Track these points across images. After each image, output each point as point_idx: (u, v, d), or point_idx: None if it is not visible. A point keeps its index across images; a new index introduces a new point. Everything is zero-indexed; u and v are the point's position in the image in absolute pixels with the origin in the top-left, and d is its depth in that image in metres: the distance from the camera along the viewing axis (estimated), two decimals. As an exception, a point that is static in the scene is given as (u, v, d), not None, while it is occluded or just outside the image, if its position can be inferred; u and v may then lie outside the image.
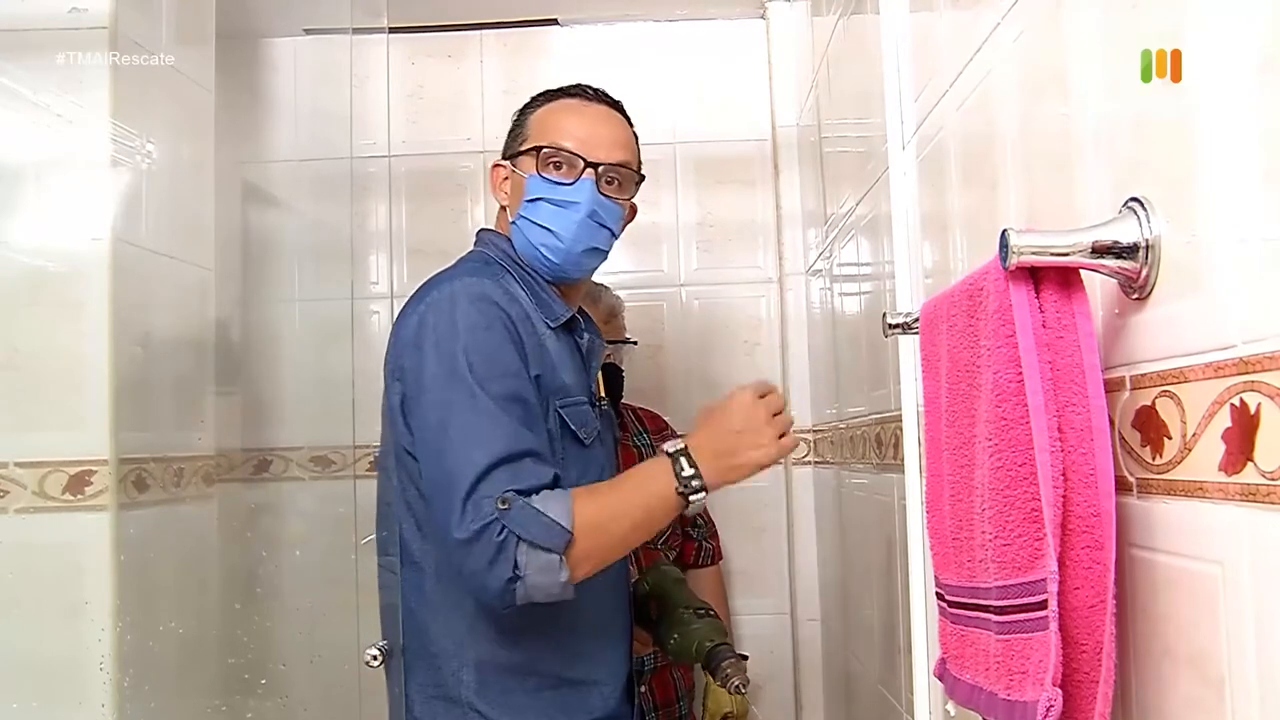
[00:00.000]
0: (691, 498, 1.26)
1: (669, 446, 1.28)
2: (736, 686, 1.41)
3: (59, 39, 1.66)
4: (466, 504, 1.21)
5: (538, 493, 1.22)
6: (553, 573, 1.20)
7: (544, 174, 1.40)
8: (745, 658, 1.48)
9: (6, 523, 1.62)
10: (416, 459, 1.32)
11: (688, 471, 1.26)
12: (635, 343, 2.30)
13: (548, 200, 1.40)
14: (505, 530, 1.19)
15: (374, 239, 2.64)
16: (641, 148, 1.50)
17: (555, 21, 2.73)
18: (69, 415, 1.64)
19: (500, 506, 1.20)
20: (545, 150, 1.40)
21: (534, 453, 1.25)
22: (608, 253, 1.46)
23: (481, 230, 1.52)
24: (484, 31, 2.73)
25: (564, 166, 1.40)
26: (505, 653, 1.34)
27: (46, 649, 1.61)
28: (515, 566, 1.19)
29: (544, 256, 1.41)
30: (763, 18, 2.70)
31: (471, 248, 1.49)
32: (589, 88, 1.47)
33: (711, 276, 2.71)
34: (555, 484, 1.25)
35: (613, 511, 1.26)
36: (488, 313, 1.31)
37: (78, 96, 1.66)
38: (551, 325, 1.39)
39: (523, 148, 1.44)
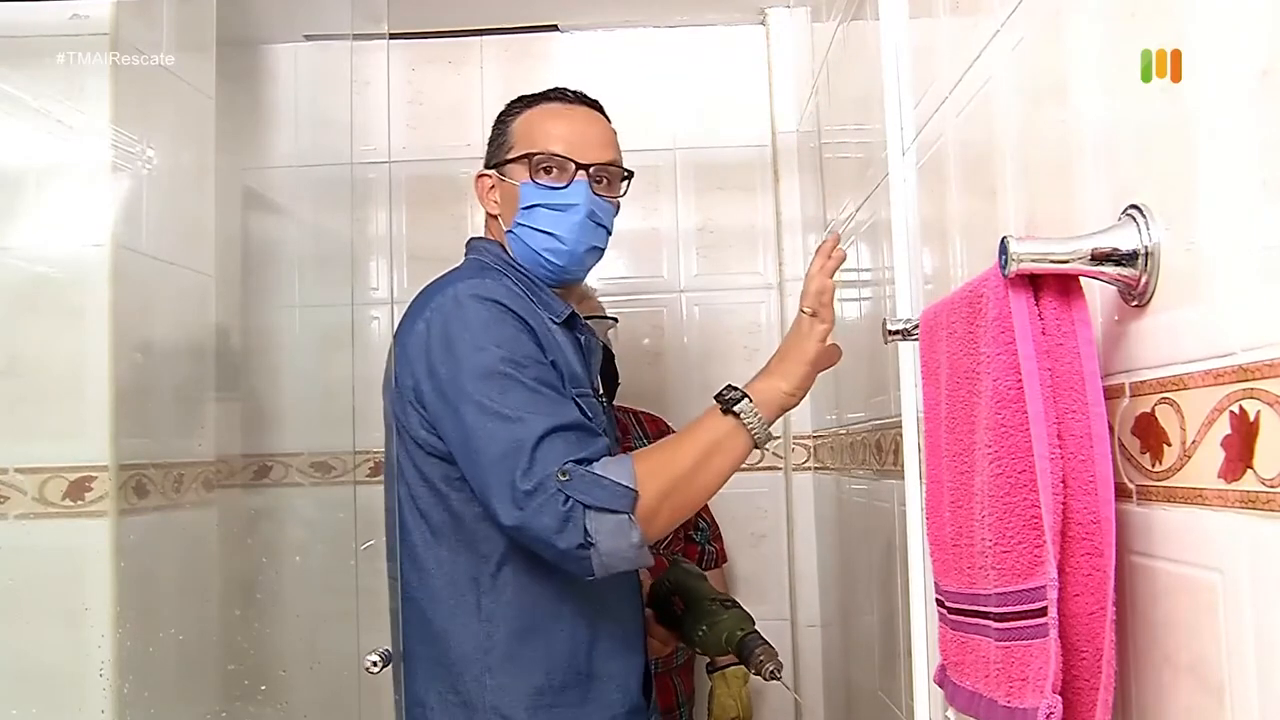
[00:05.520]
0: (749, 424, 1.29)
1: (717, 396, 1.32)
2: (771, 672, 1.42)
3: (60, 45, 1.66)
4: (525, 476, 1.22)
5: (596, 460, 1.25)
6: (624, 534, 1.22)
7: (537, 180, 1.42)
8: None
9: (6, 528, 1.62)
10: (451, 461, 1.32)
11: (736, 397, 1.30)
12: (615, 320, 2.29)
13: (545, 206, 1.42)
14: (570, 500, 1.21)
15: (374, 245, 2.64)
16: (642, 154, 1.51)
17: (556, 28, 2.74)
18: (69, 421, 1.64)
19: (561, 479, 1.21)
20: (537, 156, 1.42)
21: (583, 426, 1.28)
22: (604, 250, 1.49)
23: (472, 239, 1.53)
24: (484, 38, 2.74)
25: (555, 171, 1.43)
26: (527, 653, 1.34)
27: (46, 655, 1.61)
28: (586, 534, 1.21)
29: (548, 261, 1.43)
30: (762, 24, 2.70)
31: (464, 257, 1.50)
32: (568, 90, 1.49)
33: (711, 282, 2.71)
34: (608, 453, 1.28)
35: (673, 458, 1.28)
36: (495, 309, 1.33)
37: (78, 102, 1.66)
38: (556, 321, 1.41)
39: (509, 156, 1.45)
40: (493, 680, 1.34)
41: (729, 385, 1.33)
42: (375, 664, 1.44)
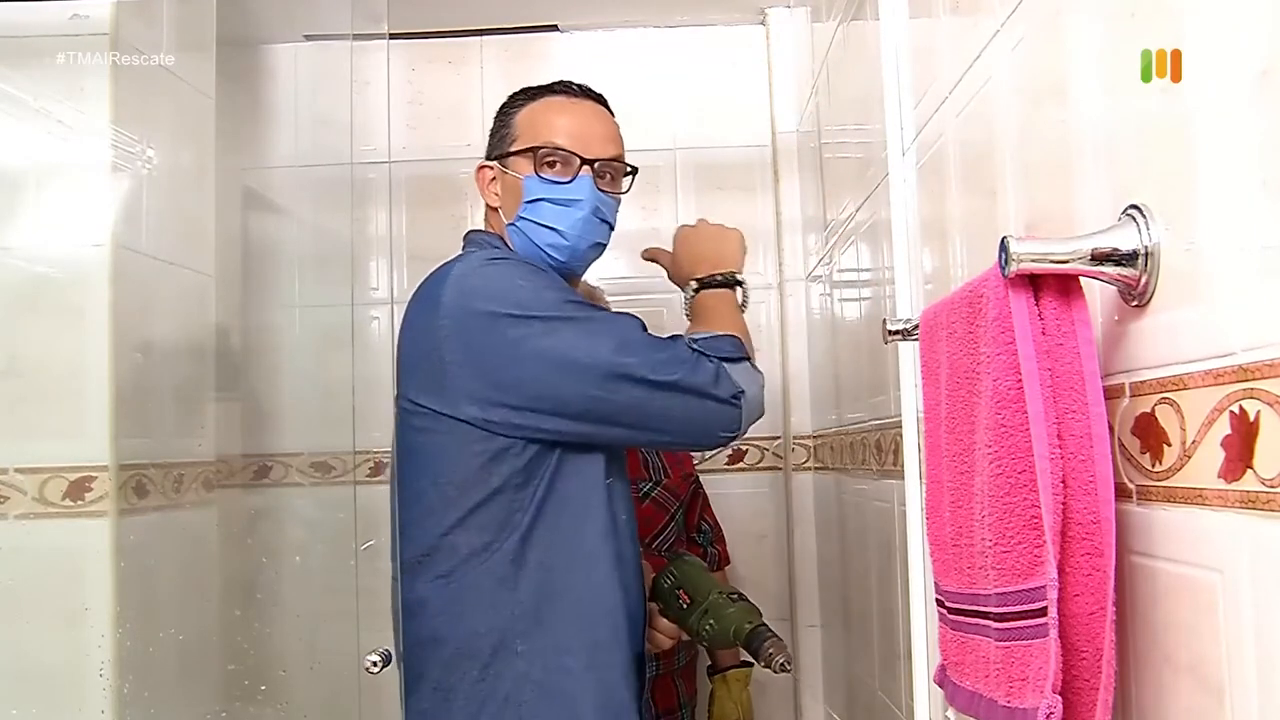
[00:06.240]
0: (739, 284, 1.52)
1: (689, 291, 1.56)
2: (781, 664, 1.44)
3: (60, 45, 1.66)
4: (658, 351, 1.32)
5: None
6: (756, 378, 1.39)
7: (541, 174, 1.43)
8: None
9: (6, 528, 1.62)
10: (501, 435, 1.32)
11: (718, 279, 1.51)
12: None
13: (549, 200, 1.42)
14: (710, 357, 1.34)
15: (374, 245, 2.64)
16: (641, 154, 1.51)
17: (555, 28, 2.74)
18: (69, 421, 1.64)
19: (694, 347, 1.34)
20: (542, 150, 1.42)
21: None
22: (606, 245, 1.50)
23: (471, 232, 1.52)
24: (484, 38, 2.74)
25: (559, 165, 1.43)
26: (549, 636, 1.34)
27: (46, 655, 1.61)
28: (734, 383, 1.34)
29: (550, 256, 1.44)
30: (762, 24, 2.70)
31: (463, 249, 1.49)
32: (572, 83, 1.49)
33: (712, 282, 2.71)
34: None
35: (732, 319, 1.47)
36: (518, 264, 1.38)
37: (79, 103, 1.67)
38: None
39: (514, 148, 1.45)
40: (522, 667, 1.33)
41: (706, 280, 1.53)
42: (375, 664, 1.44)
